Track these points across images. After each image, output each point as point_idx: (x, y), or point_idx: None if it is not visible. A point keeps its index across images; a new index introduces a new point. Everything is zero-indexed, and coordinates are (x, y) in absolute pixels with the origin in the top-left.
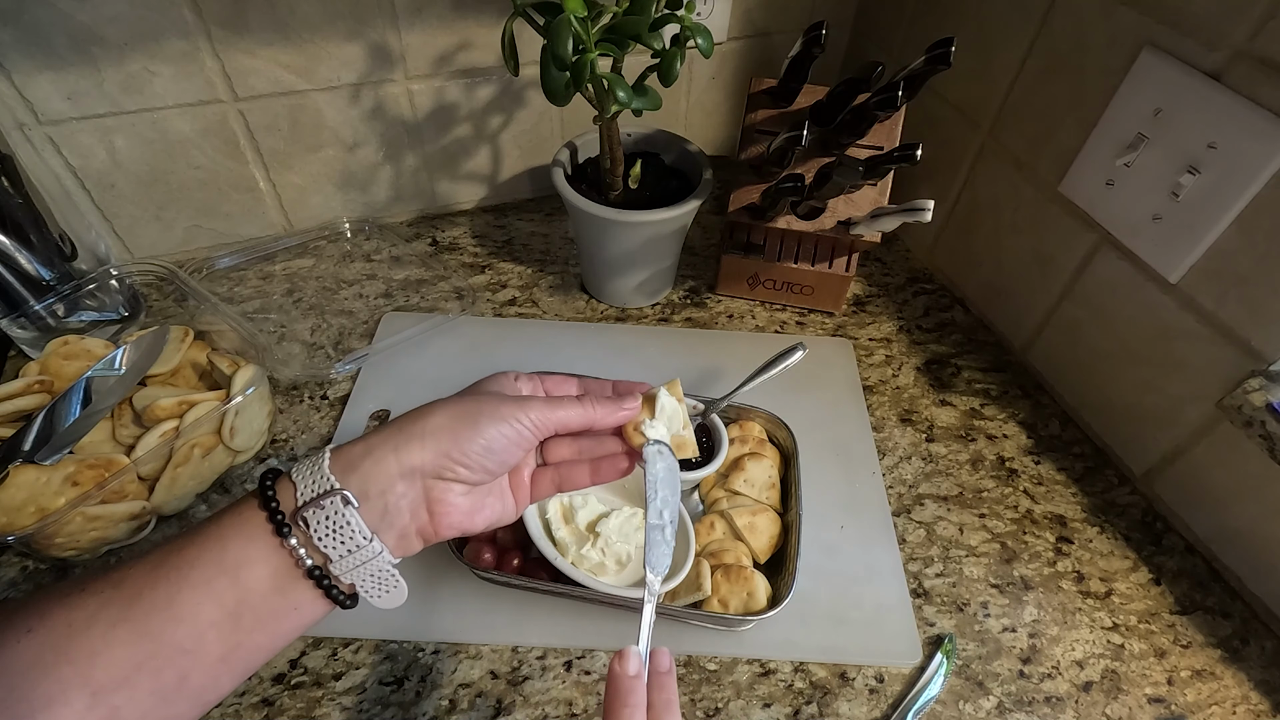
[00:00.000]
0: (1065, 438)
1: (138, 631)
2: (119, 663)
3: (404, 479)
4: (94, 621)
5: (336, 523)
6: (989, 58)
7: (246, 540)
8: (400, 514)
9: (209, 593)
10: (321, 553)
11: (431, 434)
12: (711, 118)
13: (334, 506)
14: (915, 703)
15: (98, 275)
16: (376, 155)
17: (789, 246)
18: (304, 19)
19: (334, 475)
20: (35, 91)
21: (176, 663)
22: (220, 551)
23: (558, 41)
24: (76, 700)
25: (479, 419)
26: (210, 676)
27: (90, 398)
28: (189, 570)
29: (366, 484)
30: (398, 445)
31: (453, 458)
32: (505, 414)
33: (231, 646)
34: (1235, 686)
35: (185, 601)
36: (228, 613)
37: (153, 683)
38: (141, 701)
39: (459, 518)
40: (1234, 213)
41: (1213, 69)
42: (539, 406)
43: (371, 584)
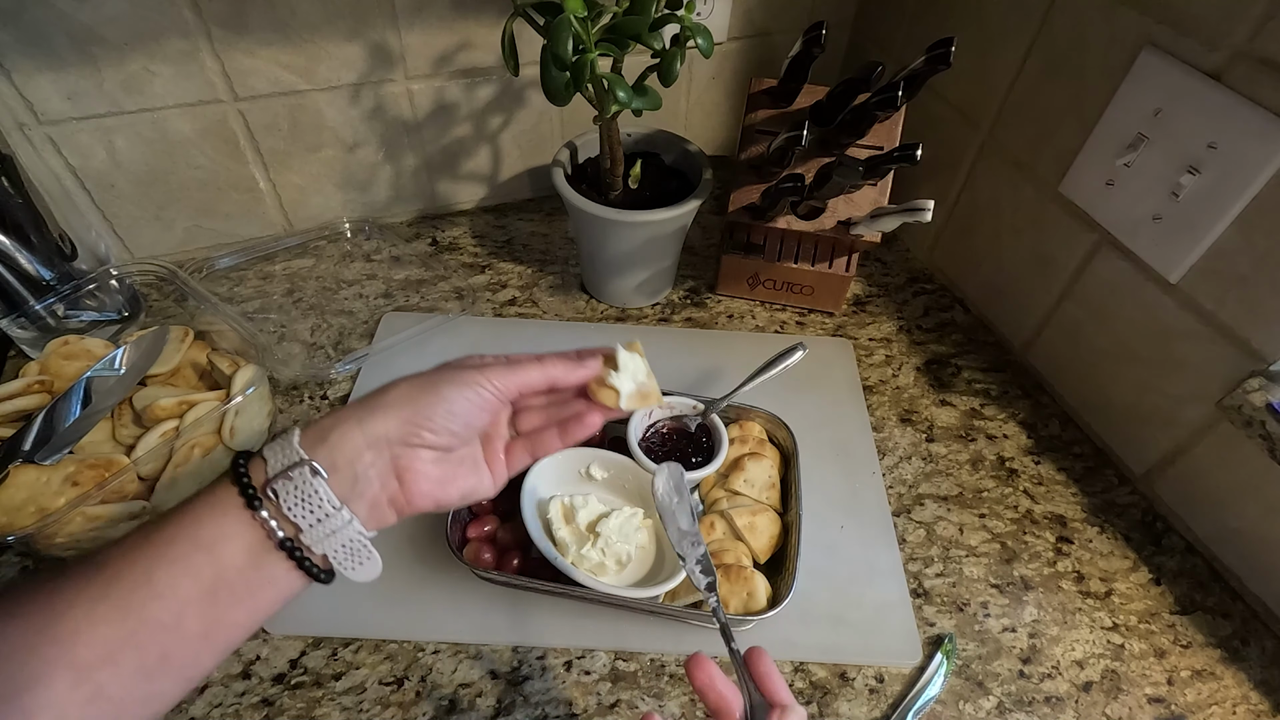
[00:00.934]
0: (1065, 438)
1: (119, 610)
2: (101, 641)
3: (371, 448)
4: (75, 602)
5: (305, 492)
6: (989, 58)
7: (220, 515)
8: (370, 483)
9: (186, 568)
10: (292, 523)
11: (394, 403)
12: (711, 118)
13: (302, 477)
14: (915, 703)
15: (98, 275)
16: (376, 155)
17: (789, 246)
18: (304, 19)
19: (302, 448)
20: (35, 91)
21: (158, 639)
22: (195, 528)
23: (558, 41)
24: (61, 679)
25: (440, 386)
26: (191, 653)
27: (90, 398)
28: (166, 548)
29: (335, 455)
30: (362, 417)
31: (416, 423)
32: (466, 379)
33: (210, 622)
34: (1235, 686)
35: (163, 578)
36: (205, 589)
37: (136, 660)
38: (125, 679)
39: (429, 486)
40: (1234, 213)
41: (1213, 69)
42: (499, 370)
43: (345, 555)
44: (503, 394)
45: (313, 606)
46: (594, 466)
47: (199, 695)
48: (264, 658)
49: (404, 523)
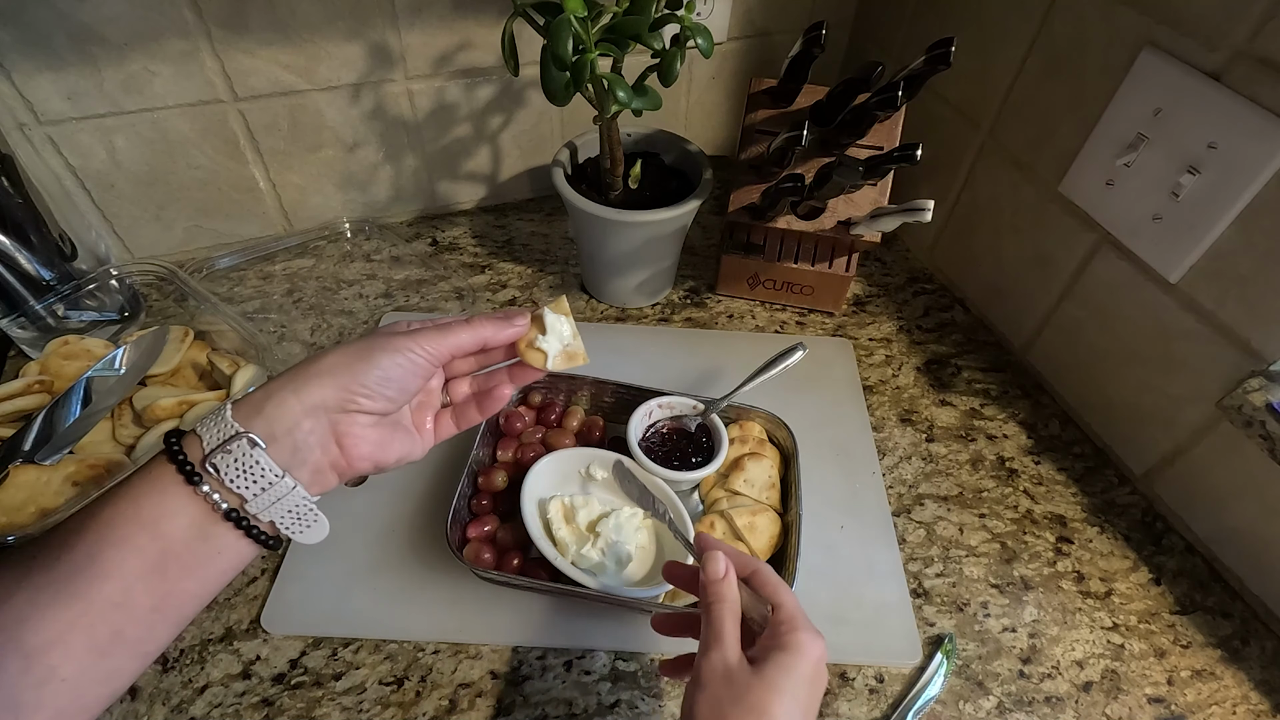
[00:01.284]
0: (1065, 438)
1: (64, 594)
2: (48, 625)
3: (309, 416)
4: (16, 590)
5: (245, 464)
6: (989, 58)
7: (160, 494)
8: (310, 450)
9: (131, 548)
10: (236, 494)
11: (328, 371)
12: (711, 118)
13: (241, 449)
14: (915, 703)
15: (98, 275)
16: (376, 155)
17: (789, 246)
18: (304, 19)
19: (237, 422)
20: (35, 91)
21: (109, 618)
22: (135, 508)
23: (558, 41)
24: (11, 664)
25: (372, 352)
26: (145, 627)
27: (90, 398)
28: (106, 530)
29: (272, 425)
30: (296, 387)
31: (352, 390)
32: (398, 345)
33: (161, 596)
34: (1235, 686)
35: (109, 559)
36: (152, 564)
37: (86, 640)
38: (78, 658)
39: (369, 449)
40: (1234, 213)
41: (1213, 69)
42: (430, 334)
43: (291, 520)
44: (434, 358)
45: (313, 606)
46: (594, 466)
47: (199, 695)
48: (264, 658)
49: (404, 523)
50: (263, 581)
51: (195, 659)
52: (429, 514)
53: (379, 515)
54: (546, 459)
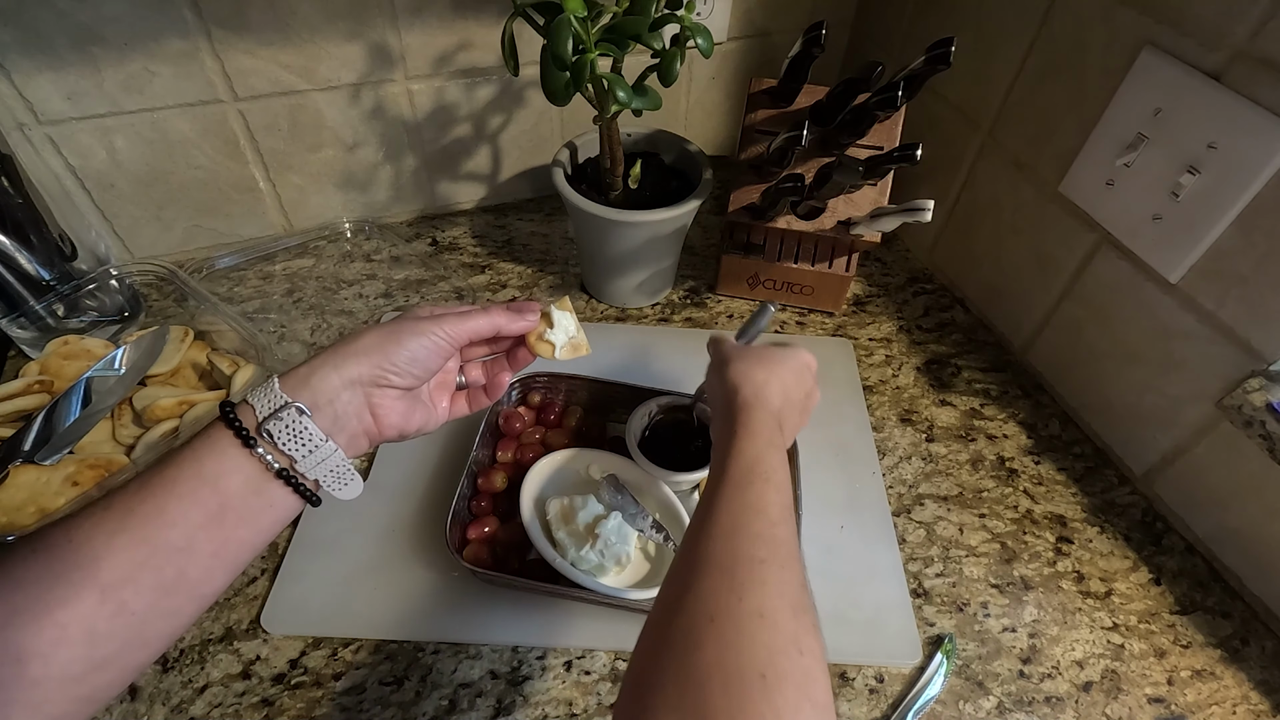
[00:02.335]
0: (1065, 438)
1: (135, 538)
2: (122, 564)
3: (347, 389)
4: (93, 535)
5: (295, 430)
6: (989, 58)
7: (220, 455)
8: (349, 418)
9: (195, 501)
10: (287, 455)
11: (364, 351)
12: (711, 118)
13: (291, 417)
14: (915, 703)
15: (98, 275)
16: (376, 155)
17: (789, 246)
18: (304, 19)
19: (285, 393)
20: (35, 91)
21: (174, 560)
22: (198, 467)
23: (558, 41)
24: (88, 596)
25: (402, 335)
26: (205, 570)
27: (90, 398)
28: (172, 485)
29: (316, 396)
30: (337, 363)
31: (384, 367)
32: (423, 329)
33: (220, 543)
34: (1235, 686)
35: (174, 510)
36: (212, 515)
37: (155, 578)
38: (146, 594)
39: (396, 419)
40: (1234, 213)
41: (1213, 69)
42: (451, 319)
43: (333, 479)
44: (453, 340)
45: (313, 606)
46: (594, 467)
47: (199, 695)
48: (264, 658)
49: (404, 524)
50: (263, 581)
51: (195, 659)
52: (429, 514)
53: (379, 515)
54: (546, 459)
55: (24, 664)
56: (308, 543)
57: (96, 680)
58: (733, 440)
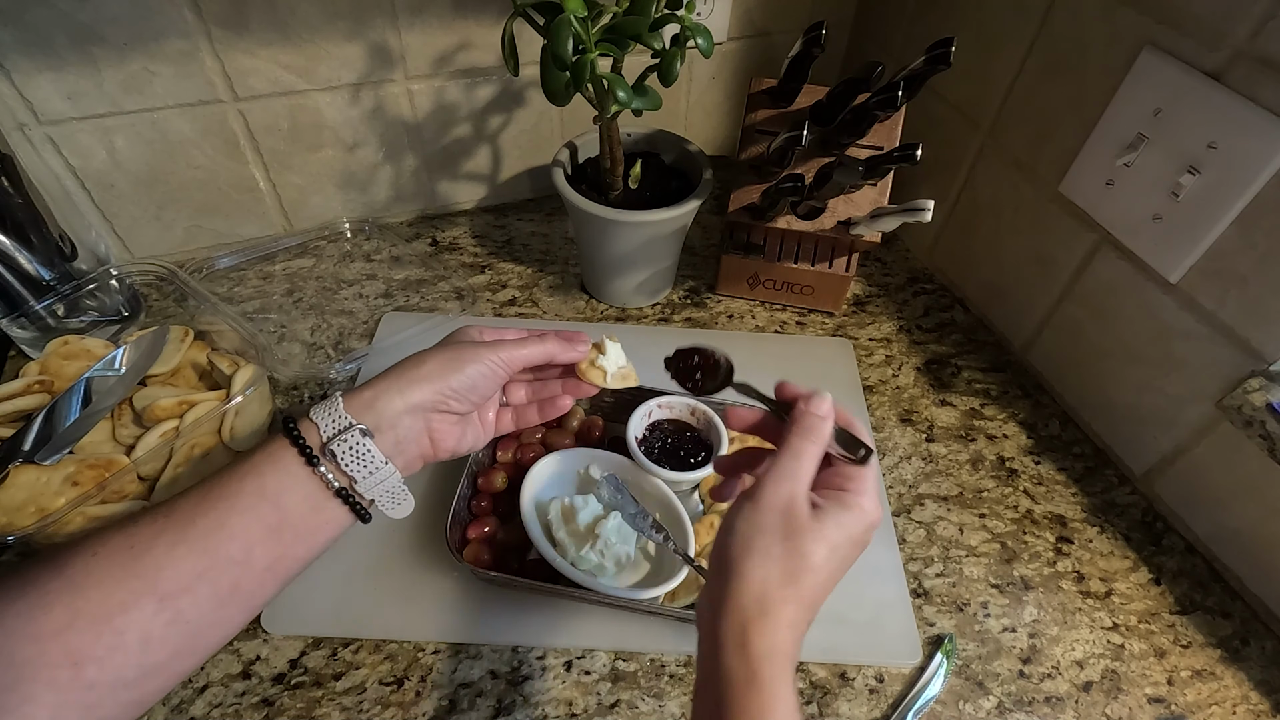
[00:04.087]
0: (1065, 438)
1: (195, 550)
2: (181, 575)
3: (409, 414)
4: (154, 544)
5: (358, 452)
6: (989, 58)
7: (282, 472)
8: (409, 443)
9: (255, 516)
10: (348, 476)
11: (427, 378)
12: (711, 118)
13: (355, 439)
14: (915, 703)
15: (98, 275)
16: (376, 155)
17: (789, 246)
18: (304, 19)
19: (350, 415)
20: (35, 91)
21: (230, 573)
22: (259, 482)
23: (558, 41)
24: (147, 605)
25: (463, 362)
26: (257, 583)
27: (90, 398)
28: (234, 500)
29: (380, 420)
30: (402, 388)
31: (445, 394)
32: (482, 356)
33: (275, 557)
34: (1235, 686)
35: (235, 524)
36: (271, 530)
37: (210, 589)
38: (202, 605)
39: (451, 442)
40: (1234, 213)
41: (1213, 69)
42: (507, 347)
43: (387, 499)
44: (510, 368)
45: (313, 606)
46: (594, 467)
47: (199, 695)
48: (264, 658)
49: (404, 524)
50: None
51: None
52: (429, 514)
53: (379, 515)
54: (546, 460)
55: (81, 668)
56: None
57: (147, 686)
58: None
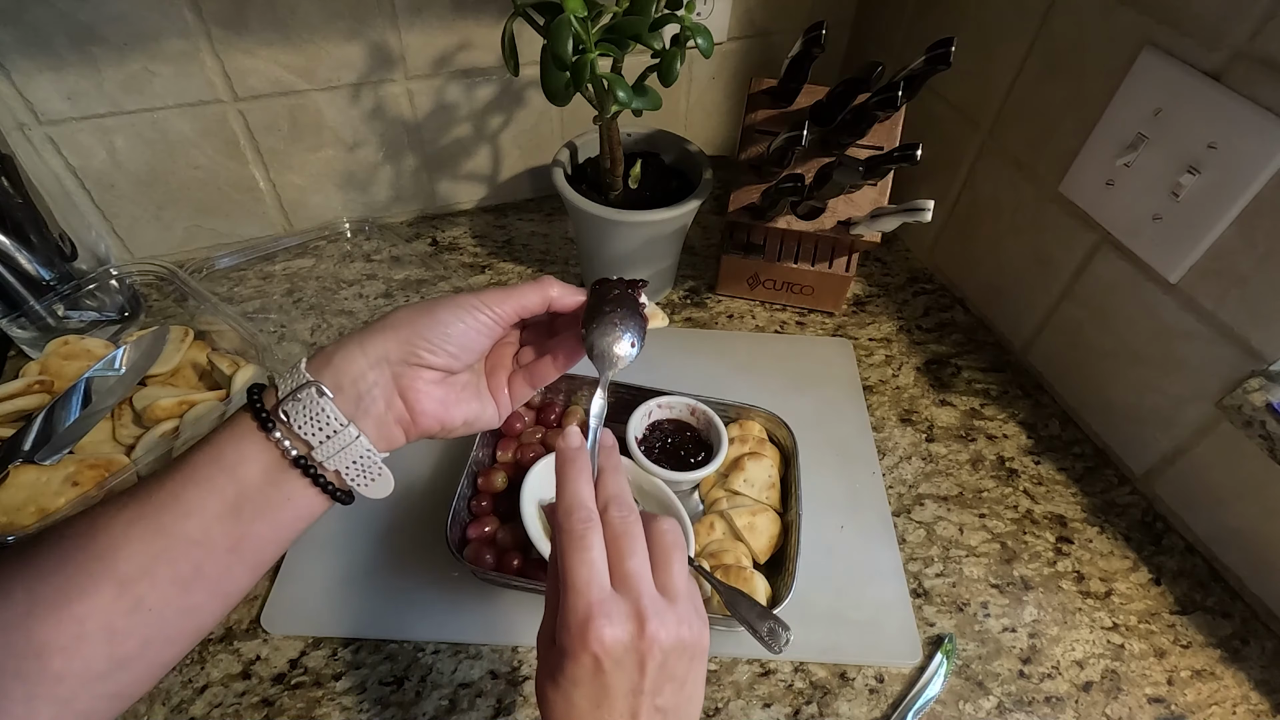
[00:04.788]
0: (1065, 438)
1: (151, 528)
2: (137, 556)
3: (372, 368)
4: (113, 522)
5: (312, 411)
6: (989, 58)
7: (239, 440)
8: (374, 401)
9: (210, 489)
10: (303, 440)
11: (393, 326)
12: (711, 118)
13: (309, 397)
14: (915, 703)
15: (98, 275)
16: (376, 155)
17: (789, 246)
18: (304, 19)
19: (309, 372)
20: (35, 91)
21: (189, 554)
22: (217, 453)
23: (558, 41)
24: (105, 590)
25: (437, 310)
26: (222, 566)
27: (90, 398)
28: (191, 471)
29: (339, 376)
30: (363, 340)
31: (414, 343)
32: (462, 303)
33: (237, 538)
34: (1235, 686)
35: (191, 497)
36: (229, 506)
37: (170, 572)
38: (163, 590)
39: (433, 407)
40: (1234, 213)
41: (1213, 69)
42: (498, 293)
43: (356, 472)
44: (500, 317)
45: (313, 606)
46: None
47: (199, 695)
48: (264, 658)
49: (404, 524)
50: (263, 581)
51: (195, 659)
52: (429, 514)
53: (379, 515)
54: (546, 459)
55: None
56: (308, 543)
57: (122, 678)
58: None
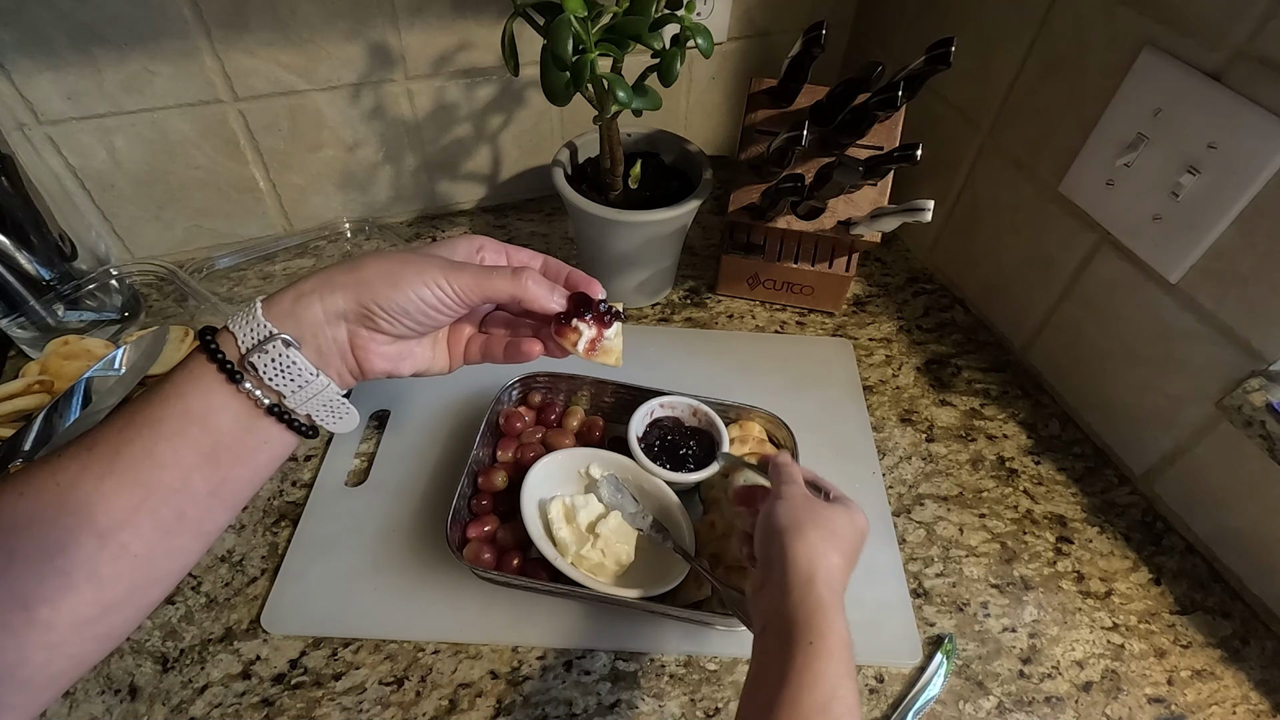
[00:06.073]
0: (1065, 438)
1: (126, 482)
2: (116, 509)
3: (330, 324)
4: (81, 478)
5: (282, 364)
6: (989, 58)
7: (205, 391)
8: (332, 355)
9: (184, 441)
10: (275, 391)
11: (354, 285)
12: (711, 118)
13: (277, 350)
14: (915, 703)
15: (98, 275)
16: (376, 155)
17: (789, 246)
18: (304, 19)
19: (270, 322)
20: (35, 91)
21: (170, 501)
22: (184, 406)
23: (558, 41)
24: (86, 542)
25: (402, 278)
26: (204, 510)
27: (90, 398)
28: (158, 425)
29: (300, 328)
30: (324, 294)
31: (371, 310)
32: (430, 277)
33: (217, 482)
34: (1235, 686)
35: (164, 451)
36: (205, 454)
37: (152, 520)
38: (147, 536)
39: (384, 363)
40: (1234, 213)
41: (1213, 69)
42: (469, 275)
43: (326, 413)
44: (464, 300)
45: (313, 606)
46: (594, 467)
47: (199, 695)
48: (264, 658)
49: (404, 524)
50: (263, 581)
51: (195, 659)
52: (429, 514)
53: (379, 515)
54: (546, 459)
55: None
56: (308, 543)
57: (112, 619)
58: (811, 655)
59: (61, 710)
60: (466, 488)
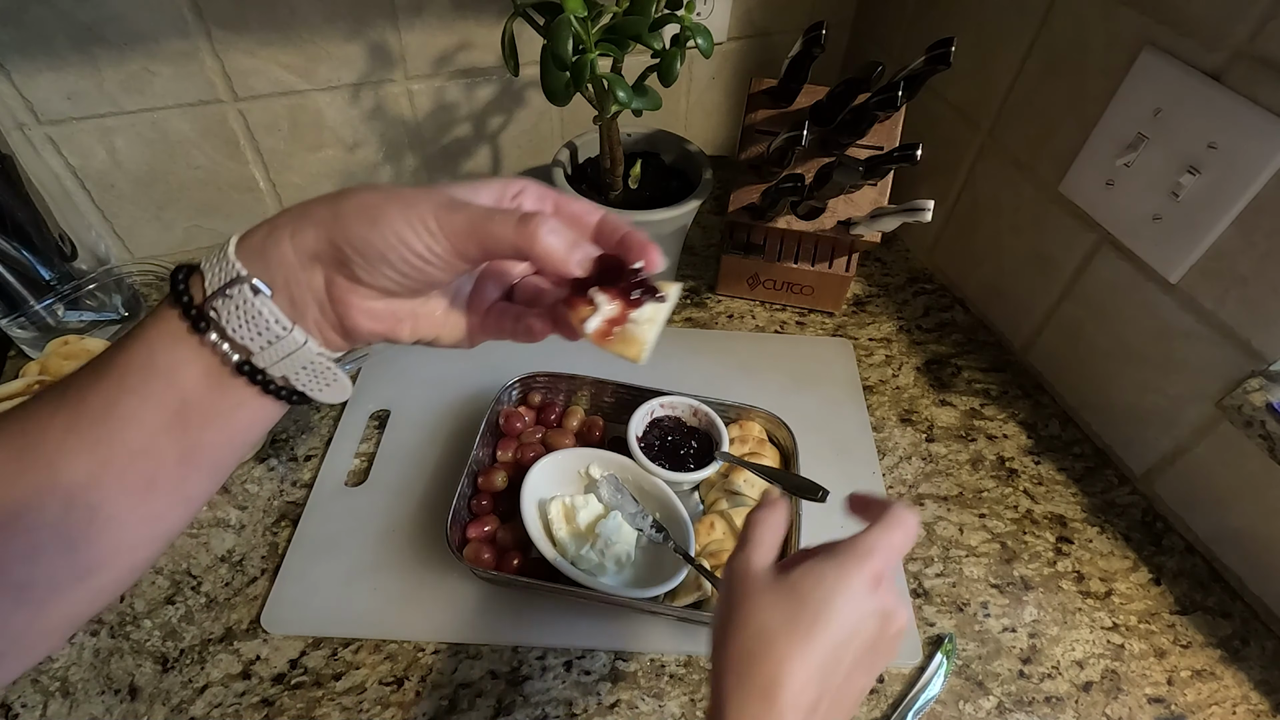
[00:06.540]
0: (1065, 438)
1: (88, 439)
2: (80, 468)
3: (304, 267)
4: (49, 428)
5: (247, 313)
6: (989, 58)
7: (172, 341)
8: (308, 305)
9: (147, 396)
10: (242, 345)
11: (329, 219)
12: (711, 118)
13: (242, 296)
14: (915, 703)
15: (98, 275)
16: (376, 155)
17: (789, 246)
18: (304, 19)
19: (239, 261)
20: (35, 91)
21: (137, 465)
22: (149, 355)
23: (558, 41)
24: (52, 502)
25: (383, 213)
26: (178, 477)
27: None
28: (122, 376)
29: (270, 270)
30: (296, 228)
31: (345, 252)
32: (416, 215)
33: (187, 448)
34: (1235, 686)
35: (126, 406)
36: (173, 415)
37: (119, 483)
38: (117, 500)
39: (374, 324)
40: (1234, 213)
41: (1213, 69)
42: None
43: (307, 378)
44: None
45: (313, 606)
46: (594, 467)
47: (199, 695)
48: (264, 658)
49: (404, 524)
50: (263, 581)
51: (195, 659)
52: (429, 514)
53: (379, 515)
54: (546, 459)
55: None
56: (308, 543)
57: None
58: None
59: (61, 710)
60: (466, 488)
